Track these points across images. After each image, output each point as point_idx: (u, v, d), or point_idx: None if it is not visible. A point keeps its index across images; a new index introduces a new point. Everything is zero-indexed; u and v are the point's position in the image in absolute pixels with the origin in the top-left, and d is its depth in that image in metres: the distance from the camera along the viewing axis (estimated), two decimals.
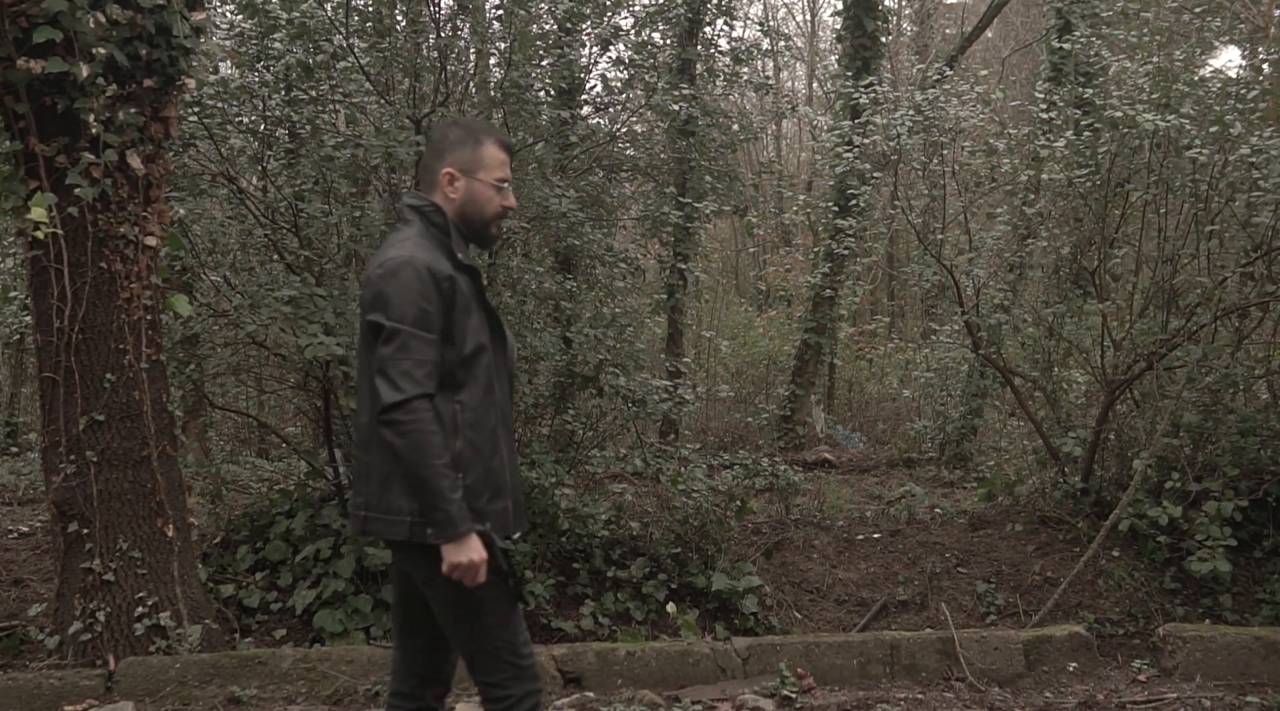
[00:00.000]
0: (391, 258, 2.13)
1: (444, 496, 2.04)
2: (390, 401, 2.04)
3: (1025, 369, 6.68)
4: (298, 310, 4.19)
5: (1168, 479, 5.47)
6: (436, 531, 2.07)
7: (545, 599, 5.07)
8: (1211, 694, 3.51)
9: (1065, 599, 5.57)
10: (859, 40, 9.61)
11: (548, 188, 4.94)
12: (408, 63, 4.71)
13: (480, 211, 2.26)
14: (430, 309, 2.09)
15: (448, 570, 2.07)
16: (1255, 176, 4.93)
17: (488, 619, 2.15)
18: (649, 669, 3.56)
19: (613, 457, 5.78)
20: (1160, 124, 5.04)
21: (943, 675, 3.63)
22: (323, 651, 3.61)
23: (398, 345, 2.06)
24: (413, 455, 2.03)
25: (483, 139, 2.27)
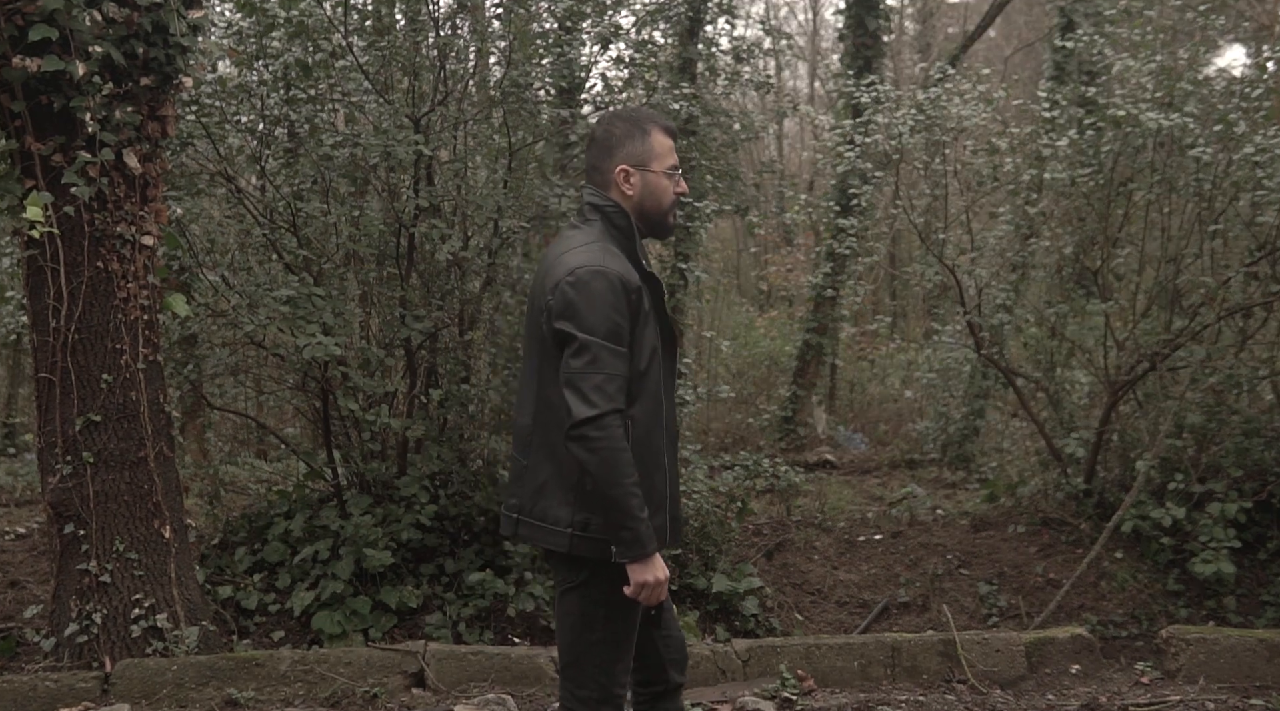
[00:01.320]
0: (583, 266, 2.08)
1: (633, 515, 2.01)
2: (583, 416, 2.00)
3: (1028, 369, 6.66)
4: (296, 310, 4.17)
5: (1171, 480, 5.44)
6: (623, 550, 2.03)
7: (544, 600, 5.05)
8: (1215, 696, 3.48)
9: (1068, 600, 5.54)
10: (861, 39, 9.59)
11: (547, 187, 4.92)
12: (406, 61, 4.68)
13: (658, 203, 2.23)
14: (622, 322, 2.06)
15: (633, 590, 2.05)
16: (1259, 176, 4.90)
17: (598, 635, 2.15)
18: None
19: None
20: (1163, 123, 5.01)
21: (944, 677, 3.61)
22: (321, 653, 3.59)
23: (589, 358, 2.02)
24: (603, 472, 1.99)
25: (649, 128, 2.23)
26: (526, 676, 3.48)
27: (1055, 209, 6.05)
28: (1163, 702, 3.47)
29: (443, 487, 5.30)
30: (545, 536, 2.13)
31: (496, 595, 5.07)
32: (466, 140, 5.29)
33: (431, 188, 4.81)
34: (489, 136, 5.04)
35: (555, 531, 2.11)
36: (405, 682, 3.44)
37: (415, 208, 4.86)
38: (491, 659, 3.50)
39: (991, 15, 9.70)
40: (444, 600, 5.10)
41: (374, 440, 4.82)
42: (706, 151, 10.25)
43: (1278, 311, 5.84)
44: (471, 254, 5.11)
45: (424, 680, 3.43)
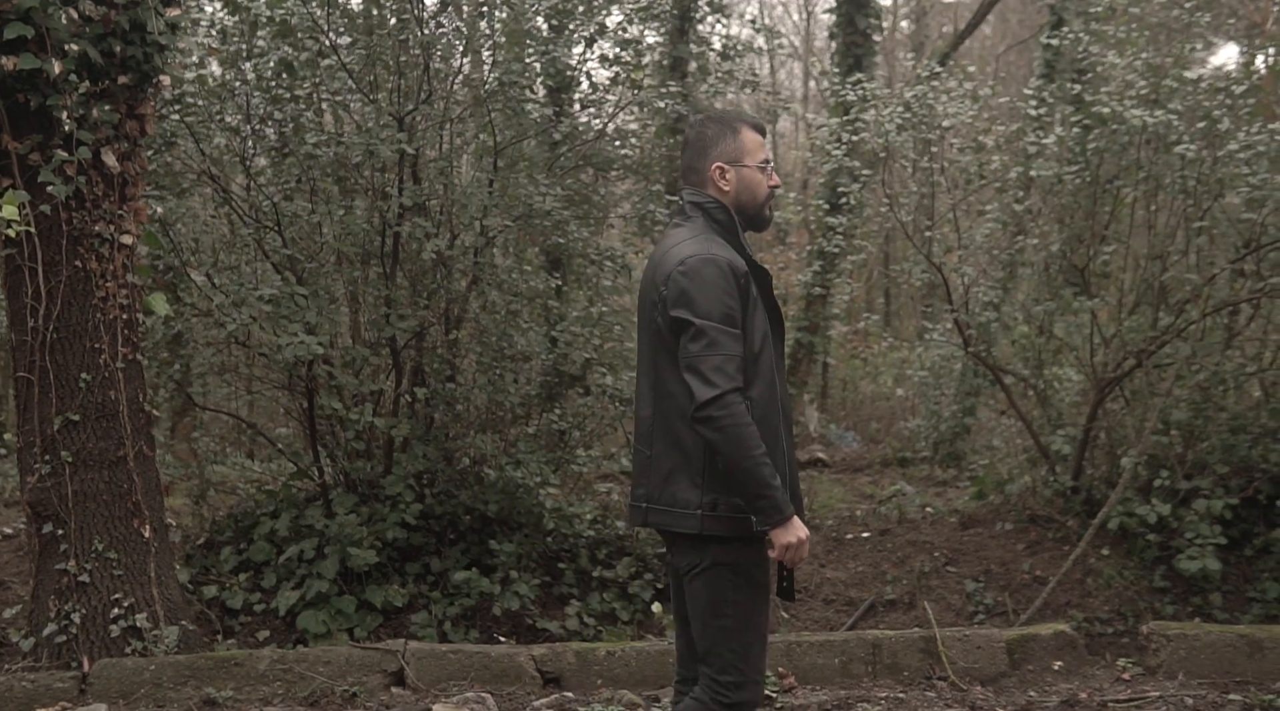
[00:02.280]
0: (693, 255, 2.18)
1: (768, 483, 2.10)
2: (706, 398, 2.09)
3: (1017, 367, 6.66)
4: (278, 309, 4.16)
5: (1157, 477, 5.44)
6: (762, 518, 2.13)
7: (530, 599, 5.04)
8: (1195, 692, 3.48)
9: (1054, 597, 5.53)
10: (851, 38, 9.59)
11: (533, 186, 4.91)
12: (391, 59, 4.67)
13: (754, 197, 2.33)
14: (734, 305, 2.16)
15: (779, 552, 2.15)
16: (1244, 172, 4.90)
17: (731, 621, 2.21)
18: (629, 669, 3.54)
19: (601, 457, 5.75)
20: (1148, 120, 5.01)
21: (925, 674, 3.61)
22: (300, 652, 3.58)
23: (707, 342, 2.12)
24: (732, 449, 2.08)
25: (738, 127, 2.34)
26: (507, 675, 3.47)
27: (1042, 206, 6.05)
28: (1142, 698, 3.48)
29: (429, 487, 5.29)
30: (676, 520, 2.21)
31: (482, 594, 5.06)
32: (453, 139, 5.29)
33: (416, 186, 4.80)
34: (475, 135, 5.04)
35: (686, 514, 2.19)
36: (385, 681, 3.43)
37: (400, 206, 4.85)
38: (471, 657, 3.50)
39: (981, 14, 9.71)
40: (430, 599, 5.10)
41: (358, 439, 4.81)
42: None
43: (1265, 308, 5.86)
44: (457, 252, 5.10)
45: (404, 679, 3.43)
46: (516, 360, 5.43)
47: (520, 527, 5.28)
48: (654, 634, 5.04)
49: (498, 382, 5.25)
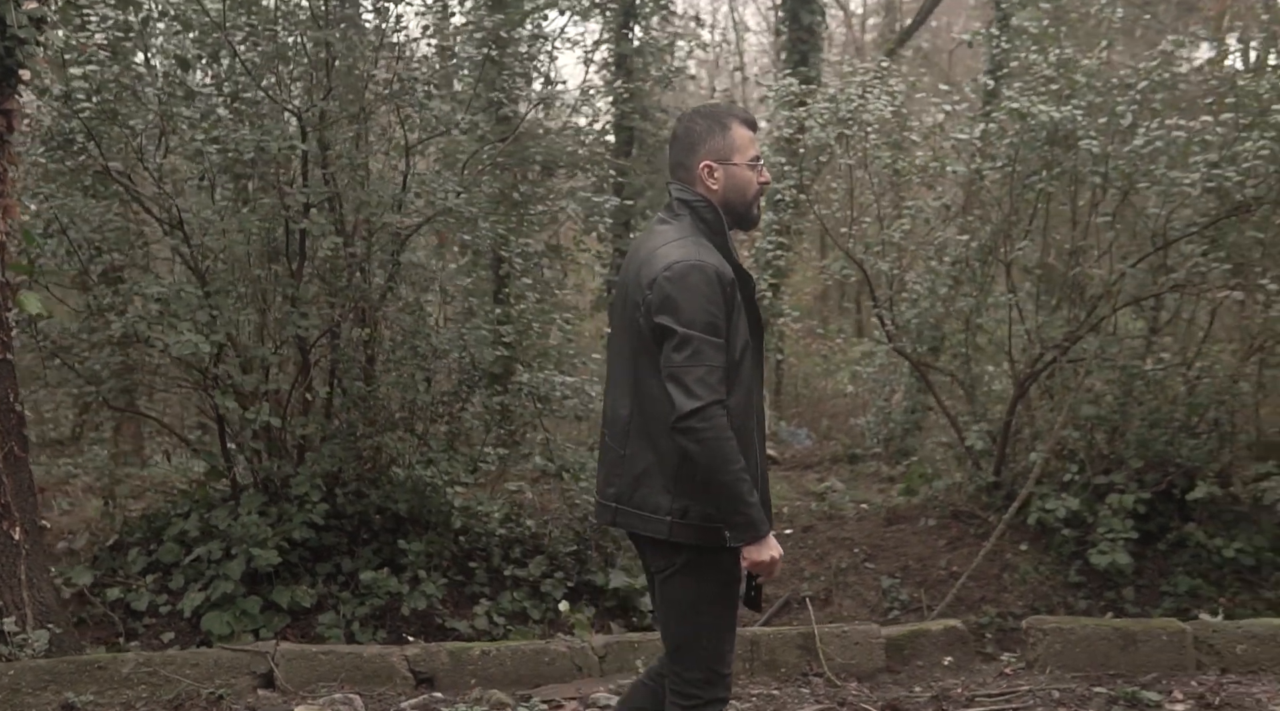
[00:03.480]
0: (680, 261, 2.14)
1: (745, 500, 2.08)
2: (687, 409, 2.06)
3: (945, 361, 6.67)
4: (166, 307, 4.11)
5: (1067, 472, 5.46)
6: (737, 534, 2.11)
7: (438, 599, 5.02)
8: (1063, 685, 3.49)
9: (970, 593, 5.55)
10: (797, 33, 9.60)
11: (438, 183, 4.88)
12: (294, 56, 4.63)
13: (743, 195, 2.27)
14: (719, 314, 2.12)
15: (751, 567, 2.14)
16: (1149, 168, 4.91)
17: (703, 620, 2.21)
18: (504, 668, 3.52)
19: (517, 455, 5.72)
20: (1054, 115, 5.02)
21: (802, 671, 3.60)
22: (167, 655, 3.55)
23: (690, 352, 2.08)
24: (712, 462, 2.07)
25: (729, 123, 2.27)
26: (378, 675, 3.45)
27: (961, 202, 6.05)
28: (1012, 692, 3.48)
29: (341, 486, 5.26)
30: (645, 524, 2.20)
31: (392, 594, 5.03)
32: (366, 136, 5.25)
33: (312, 184, 4.75)
34: (383, 132, 5.00)
35: (655, 519, 2.17)
36: (253, 683, 3.40)
37: (304, 203, 4.81)
38: (343, 658, 3.47)
39: (926, 11, 9.71)
40: (339, 599, 5.06)
41: (255, 439, 4.77)
42: (644, 148, 10.24)
43: (1189, 304, 5.88)
44: (361, 250, 5.06)
45: (273, 680, 3.40)
46: (430, 358, 5.40)
47: (431, 527, 5.25)
48: (565, 632, 5.03)
49: (407, 381, 5.21)
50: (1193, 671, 3.60)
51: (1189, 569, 5.49)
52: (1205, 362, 5.78)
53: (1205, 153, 4.87)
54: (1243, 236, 4.89)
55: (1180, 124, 4.75)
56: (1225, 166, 4.74)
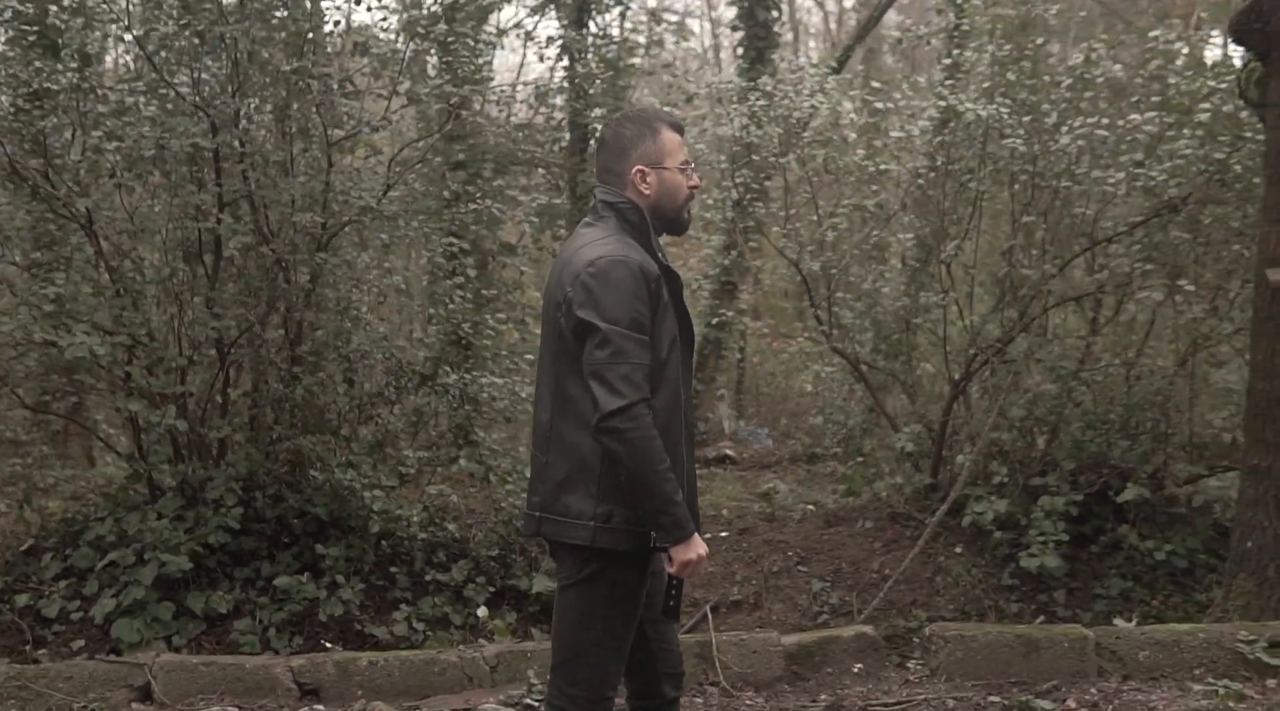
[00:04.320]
0: (603, 256, 2.11)
1: (671, 500, 2.06)
2: (611, 408, 2.02)
3: (886, 362, 6.61)
4: (61, 308, 4.01)
5: (998, 474, 5.40)
6: (663, 534, 2.09)
7: (356, 604, 4.93)
8: (961, 693, 3.43)
9: (901, 596, 5.49)
10: (753, 30, 9.52)
11: (352, 182, 4.79)
12: (198, 50, 4.53)
13: (674, 199, 2.27)
14: (643, 310, 2.09)
15: (678, 569, 2.11)
16: (1072, 167, 4.86)
17: (597, 634, 2.17)
18: (392, 679, 3.44)
19: (443, 458, 5.64)
20: (980, 113, 4.95)
21: (699, 679, 3.54)
22: (40, 668, 3.46)
23: (614, 349, 2.05)
24: (637, 462, 2.03)
25: (658, 127, 2.28)
26: (260, 687, 3.36)
27: (899, 200, 5.99)
28: (909, 701, 3.42)
29: (261, 490, 5.17)
30: (568, 531, 2.15)
31: (310, 599, 4.95)
32: (285, 133, 5.15)
33: (226, 183, 4.66)
34: (301, 128, 4.91)
35: (578, 525, 2.13)
36: (129, 696, 3.31)
37: (219, 201, 4.72)
38: (224, 670, 3.39)
39: (881, 10, 9.66)
40: (257, 605, 4.97)
41: (160, 443, 4.67)
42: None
43: (1131, 304, 5.83)
44: (283, 249, 4.96)
45: (150, 694, 3.31)
46: (353, 359, 5.31)
47: (352, 531, 5.17)
48: (484, 638, 4.95)
49: (326, 382, 5.12)
50: (1094, 678, 3.55)
51: (1122, 571, 5.44)
52: (1145, 363, 5.73)
53: (1133, 152, 4.81)
54: (1169, 237, 4.84)
55: (1105, 123, 4.69)
56: (1152, 166, 4.68)
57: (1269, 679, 3.47)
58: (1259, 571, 4.03)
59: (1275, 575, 3.99)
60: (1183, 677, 3.51)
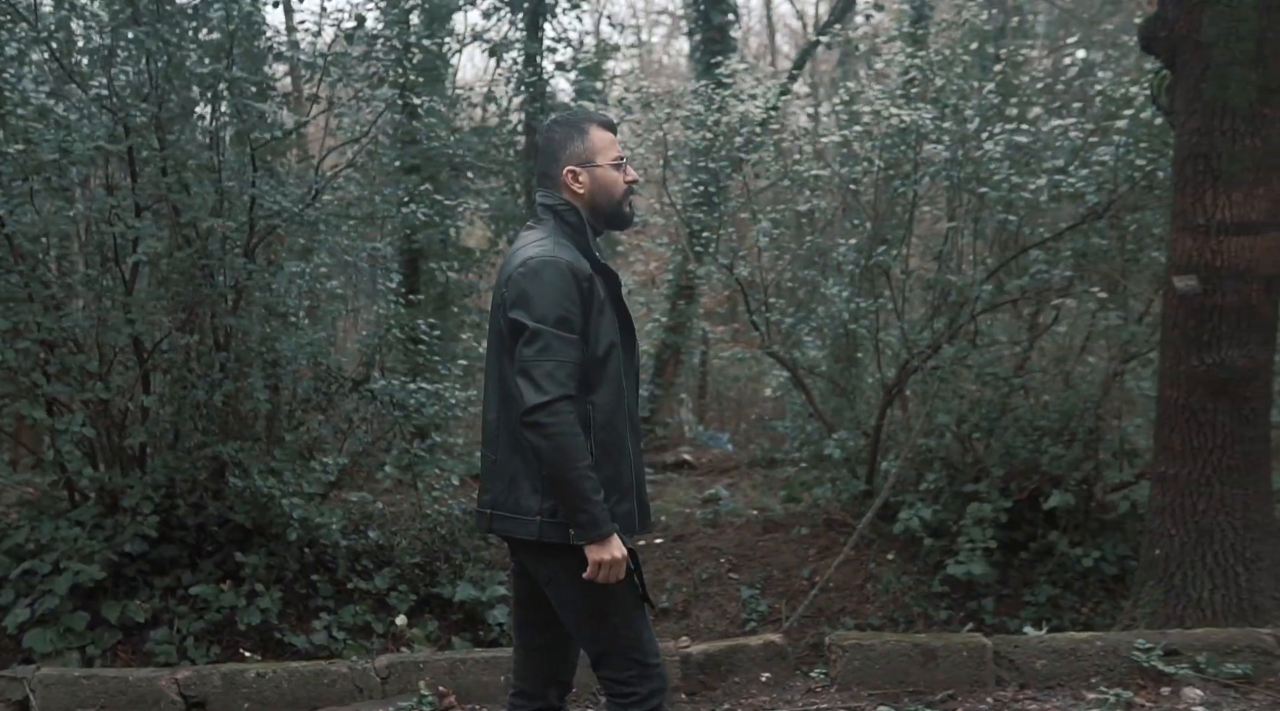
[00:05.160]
0: (534, 256, 2.15)
1: (588, 498, 2.08)
2: (534, 403, 2.06)
3: (825, 366, 6.60)
4: None
5: (934, 480, 5.39)
6: (580, 532, 2.10)
7: (275, 612, 4.88)
8: (855, 703, 3.40)
9: (830, 603, 5.47)
10: (708, 34, 9.51)
11: (268, 185, 4.74)
12: (113, 51, 4.48)
13: (610, 196, 2.30)
14: (572, 309, 2.13)
15: (591, 571, 2.11)
16: (993, 174, 4.85)
17: (613, 618, 2.19)
18: (280, 691, 3.39)
19: (372, 464, 5.59)
20: (904, 118, 4.95)
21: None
22: None
23: (540, 346, 2.09)
24: (556, 457, 2.06)
25: (586, 127, 2.31)
26: (144, 701, 3.31)
27: (838, 205, 5.98)
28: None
29: (182, 497, 5.11)
30: (517, 527, 2.19)
31: (230, 608, 4.89)
32: (205, 136, 5.10)
33: (140, 186, 4.61)
34: (217, 131, 4.86)
35: (525, 520, 2.17)
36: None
37: (134, 204, 4.66)
38: (106, 683, 3.33)
39: (841, 11, 9.66)
40: (175, 614, 4.91)
41: (75, 450, 4.61)
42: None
43: (1069, 309, 5.83)
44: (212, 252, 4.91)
45: (29, 708, 3.25)
46: (277, 365, 5.26)
47: (273, 538, 5.11)
48: (405, 646, 4.90)
49: (247, 388, 5.07)
50: (992, 687, 3.52)
51: (1053, 578, 5.43)
52: (1081, 371, 5.73)
53: (1055, 158, 4.81)
54: (1089, 243, 4.83)
55: (1027, 128, 4.69)
56: (1072, 172, 4.68)
57: (1163, 686, 3.45)
58: (1166, 579, 4.02)
59: (1182, 583, 3.98)
60: (1079, 686, 3.49)
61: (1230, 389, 3.92)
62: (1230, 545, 3.92)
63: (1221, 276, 3.91)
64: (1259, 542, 3.94)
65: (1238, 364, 3.90)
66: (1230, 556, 3.92)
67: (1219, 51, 3.84)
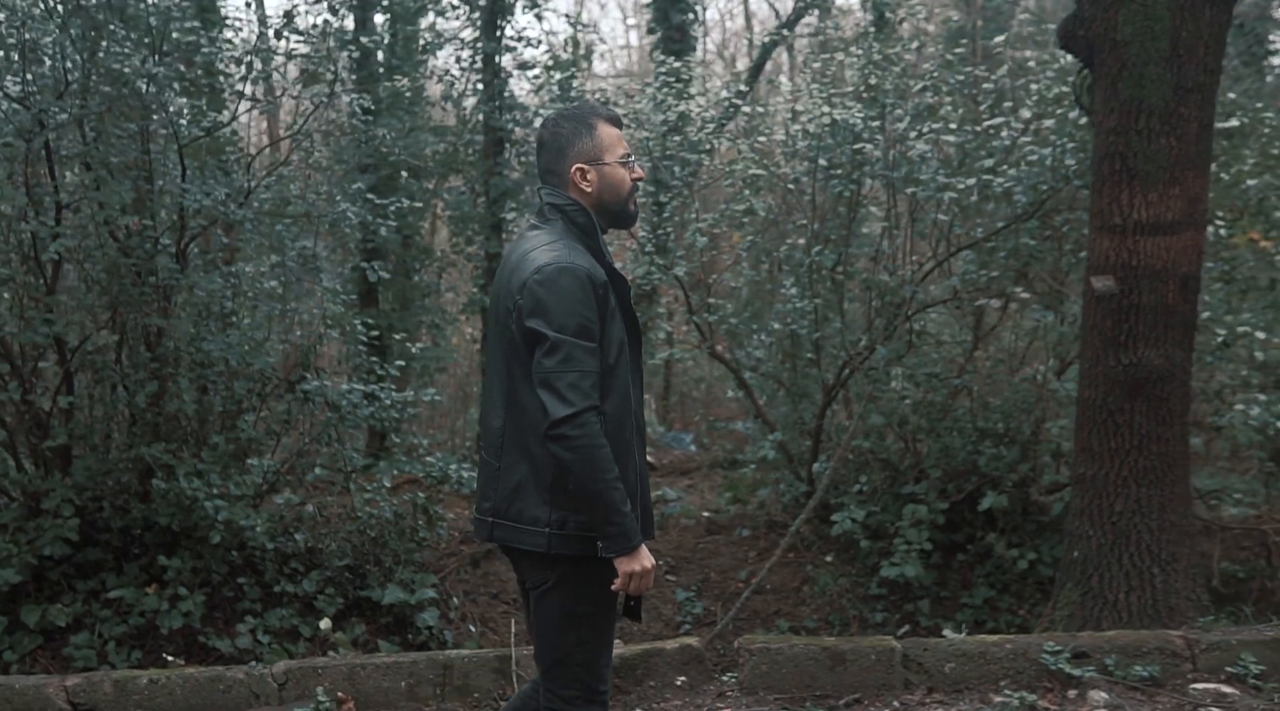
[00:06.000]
0: (550, 263, 2.10)
1: (619, 510, 2.05)
2: (560, 415, 2.02)
3: (770, 366, 6.56)
4: None
5: (867, 482, 5.36)
6: (609, 544, 2.07)
7: (198, 616, 4.81)
8: (761, 707, 3.37)
9: (766, 606, 5.44)
10: (669, 33, 9.48)
11: (191, 185, 4.67)
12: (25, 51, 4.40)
13: (617, 194, 2.25)
14: (591, 317, 2.08)
15: (622, 582, 2.10)
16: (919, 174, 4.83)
17: (581, 634, 2.18)
18: (173, 698, 3.33)
19: (305, 465, 5.51)
20: (836, 117, 4.92)
21: (496, 695, 3.45)
22: None
23: (562, 357, 2.05)
24: (585, 470, 2.03)
25: (594, 123, 2.25)
26: (30, 708, 3.25)
27: (779, 204, 5.94)
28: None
29: (107, 500, 5.03)
30: (523, 537, 2.15)
31: (155, 612, 4.82)
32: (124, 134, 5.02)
33: (62, 185, 4.54)
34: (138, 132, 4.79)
35: (533, 531, 2.13)
36: None
37: (55, 203, 4.59)
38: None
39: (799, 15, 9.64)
40: (98, 618, 4.84)
41: None
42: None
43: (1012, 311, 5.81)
44: (123, 253, 4.84)
45: None
46: (206, 366, 5.19)
47: (199, 541, 5.04)
48: (332, 650, 4.84)
49: (172, 389, 5.00)
50: (899, 691, 3.49)
51: (990, 580, 5.41)
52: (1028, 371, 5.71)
53: (985, 159, 4.79)
54: (1020, 244, 4.81)
55: (953, 128, 4.67)
56: (1001, 172, 4.66)
57: (1070, 689, 3.43)
58: (1084, 581, 4.00)
59: (1099, 585, 3.95)
60: (987, 690, 3.46)
61: (1147, 389, 3.90)
62: (1146, 547, 3.90)
63: (1138, 276, 3.89)
64: (1175, 544, 3.92)
65: (1154, 364, 3.89)
66: (1146, 558, 3.90)
67: (1135, 50, 3.83)
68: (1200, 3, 3.78)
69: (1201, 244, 3.97)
